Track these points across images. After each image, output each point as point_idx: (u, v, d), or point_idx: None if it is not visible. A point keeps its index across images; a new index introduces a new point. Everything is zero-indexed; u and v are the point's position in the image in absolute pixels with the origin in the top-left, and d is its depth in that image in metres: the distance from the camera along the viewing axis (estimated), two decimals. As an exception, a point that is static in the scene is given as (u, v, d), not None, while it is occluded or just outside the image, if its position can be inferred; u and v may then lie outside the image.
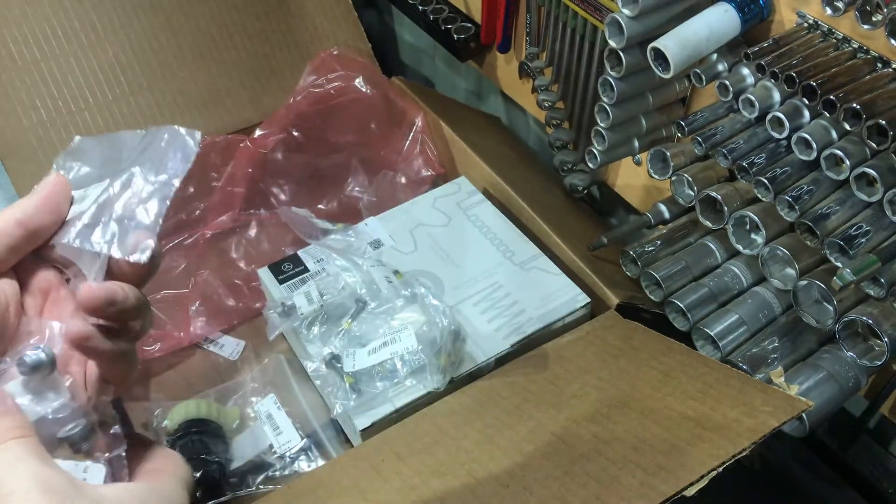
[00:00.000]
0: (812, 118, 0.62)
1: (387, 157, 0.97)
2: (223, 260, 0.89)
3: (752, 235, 0.66)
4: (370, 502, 0.57)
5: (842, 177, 0.58)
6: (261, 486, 0.71)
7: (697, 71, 0.67)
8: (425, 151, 0.95)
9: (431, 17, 1.01)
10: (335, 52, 0.97)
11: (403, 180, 0.95)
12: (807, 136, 0.60)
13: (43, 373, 0.36)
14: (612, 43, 0.67)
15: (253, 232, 0.91)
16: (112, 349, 0.39)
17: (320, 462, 0.72)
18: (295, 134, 0.93)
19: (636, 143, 0.79)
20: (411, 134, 0.95)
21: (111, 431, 0.38)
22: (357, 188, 0.97)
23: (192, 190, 0.90)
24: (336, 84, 0.95)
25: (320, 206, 0.94)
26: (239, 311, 0.86)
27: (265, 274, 0.79)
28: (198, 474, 0.67)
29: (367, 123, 0.97)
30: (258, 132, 0.92)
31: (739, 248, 0.66)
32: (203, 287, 0.86)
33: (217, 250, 0.90)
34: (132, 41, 0.90)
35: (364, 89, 0.95)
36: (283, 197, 0.94)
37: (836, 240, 0.58)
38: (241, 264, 0.89)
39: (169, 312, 0.84)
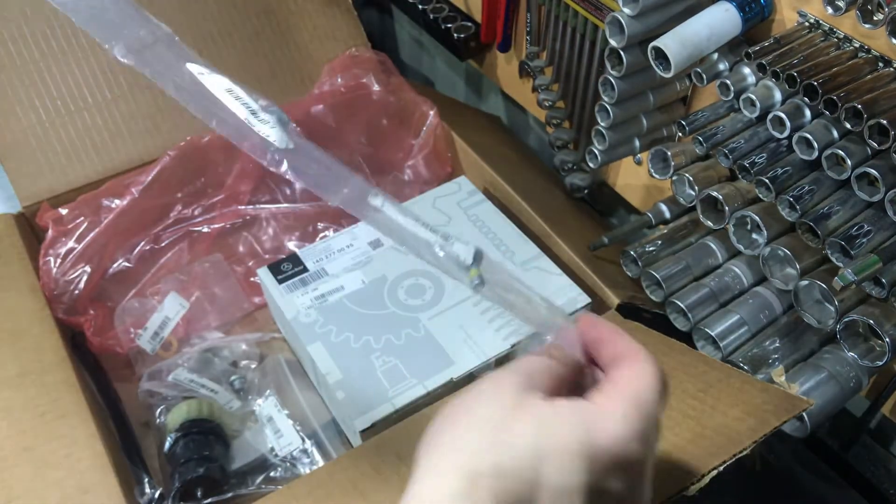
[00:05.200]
0: (813, 118, 0.61)
1: (395, 155, 0.97)
2: (226, 256, 0.89)
3: (753, 235, 0.66)
4: (370, 502, 0.57)
5: (843, 176, 0.58)
6: (261, 487, 0.71)
7: (698, 70, 0.67)
8: (437, 149, 0.95)
9: (431, 16, 1.01)
10: (354, 54, 0.97)
11: (413, 179, 0.95)
12: (808, 136, 0.59)
13: None
14: (612, 42, 0.67)
15: (257, 228, 0.91)
16: None
17: (320, 463, 0.72)
18: (299, 130, 0.93)
19: (637, 143, 0.78)
20: (424, 129, 0.94)
21: None
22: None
23: (200, 182, 0.90)
24: (348, 82, 0.94)
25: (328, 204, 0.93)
26: (241, 307, 0.86)
27: (264, 274, 0.79)
28: (198, 474, 0.68)
29: (378, 121, 0.96)
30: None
31: (740, 248, 0.66)
32: (204, 280, 0.86)
33: (220, 246, 0.90)
34: (132, 41, 0.90)
35: (376, 87, 0.95)
36: (290, 194, 0.94)
37: (837, 240, 0.57)
38: (245, 260, 0.89)
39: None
